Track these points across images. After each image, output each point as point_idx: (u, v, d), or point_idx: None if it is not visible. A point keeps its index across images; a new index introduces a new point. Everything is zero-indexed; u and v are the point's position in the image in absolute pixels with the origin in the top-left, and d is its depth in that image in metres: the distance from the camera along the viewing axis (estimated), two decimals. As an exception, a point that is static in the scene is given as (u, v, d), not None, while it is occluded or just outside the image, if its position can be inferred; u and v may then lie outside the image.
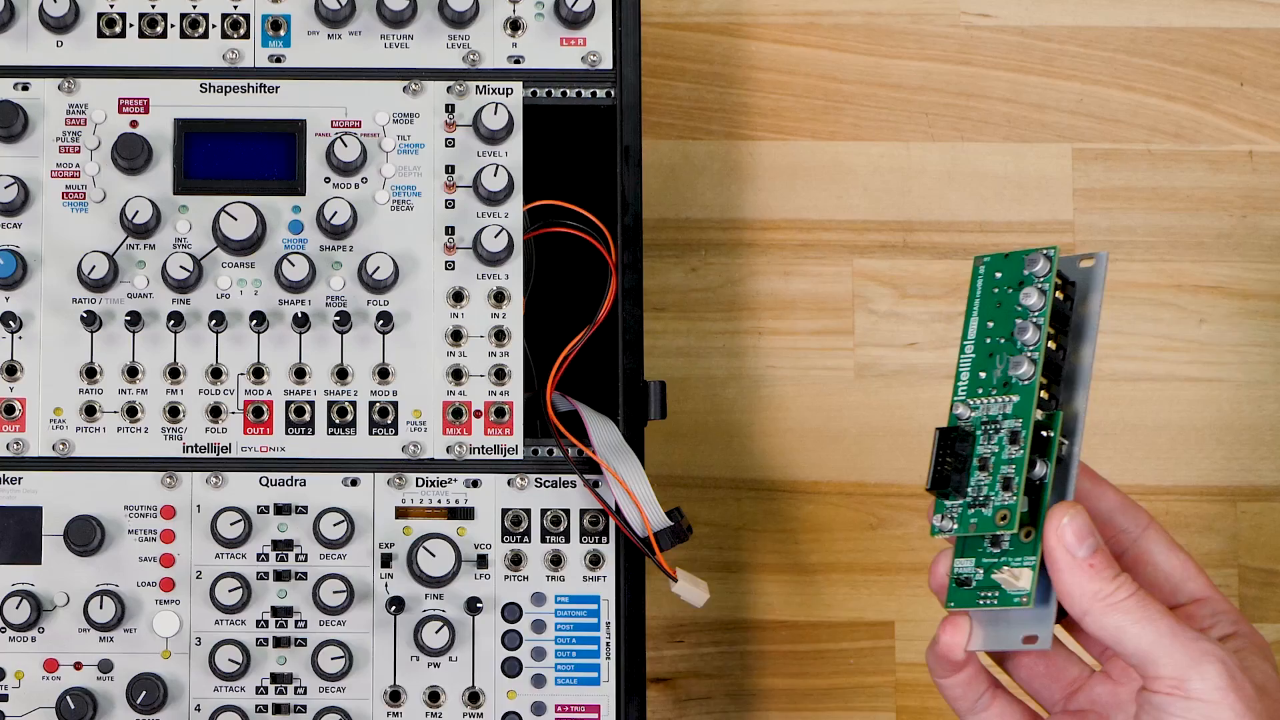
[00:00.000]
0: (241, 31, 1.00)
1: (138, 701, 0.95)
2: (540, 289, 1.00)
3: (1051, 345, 0.86)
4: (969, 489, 0.86)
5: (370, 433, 0.98)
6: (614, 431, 0.97)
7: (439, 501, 0.97)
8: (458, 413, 0.98)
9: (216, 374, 0.98)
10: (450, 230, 0.99)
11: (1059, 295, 0.86)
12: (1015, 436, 0.85)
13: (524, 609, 0.97)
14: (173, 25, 1.00)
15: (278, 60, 1.00)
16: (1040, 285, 0.86)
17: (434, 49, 1.01)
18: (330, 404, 0.98)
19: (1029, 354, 0.85)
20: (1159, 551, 0.86)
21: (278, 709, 0.96)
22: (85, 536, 0.95)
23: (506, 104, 0.99)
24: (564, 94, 1.01)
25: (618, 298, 0.99)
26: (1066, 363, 0.86)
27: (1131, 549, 0.87)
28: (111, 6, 1.00)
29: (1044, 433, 0.85)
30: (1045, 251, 0.86)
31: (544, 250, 1.01)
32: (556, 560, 0.97)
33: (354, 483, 0.97)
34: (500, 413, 0.98)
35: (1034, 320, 0.86)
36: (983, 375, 0.87)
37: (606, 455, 0.96)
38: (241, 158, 0.99)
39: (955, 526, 0.86)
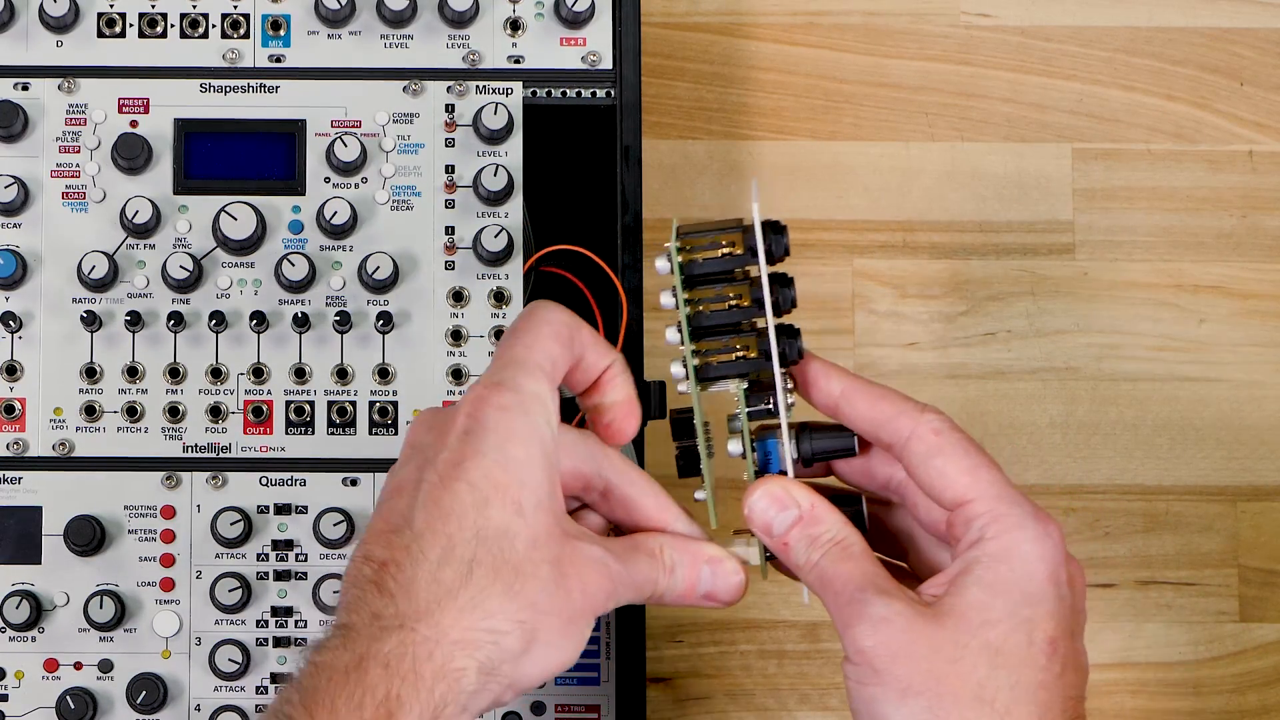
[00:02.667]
0: (241, 31, 1.00)
1: (138, 701, 0.95)
2: (540, 289, 1.00)
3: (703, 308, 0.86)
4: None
5: (370, 433, 0.98)
6: None
7: (439, 501, 0.97)
8: (458, 413, 0.98)
9: (217, 374, 0.98)
10: (450, 230, 0.99)
11: (703, 256, 0.85)
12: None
13: (524, 609, 0.97)
14: (173, 25, 1.00)
15: (278, 60, 1.00)
16: (667, 252, 0.85)
17: (434, 49, 1.01)
18: (330, 404, 0.98)
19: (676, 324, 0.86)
20: (918, 465, 0.85)
21: (278, 709, 0.96)
22: (85, 536, 0.96)
23: (506, 104, 0.99)
24: (564, 94, 1.01)
25: (620, 297, 0.99)
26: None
27: (902, 463, 0.86)
28: (111, 6, 1.00)
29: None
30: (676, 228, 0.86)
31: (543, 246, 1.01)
32: (556, 560, 0.97)
33: (354, 483, 0.97)
34: (500, 413, 0.98)
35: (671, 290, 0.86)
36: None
37: None
38: (241, 158, 0.99)
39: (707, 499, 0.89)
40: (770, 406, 0.86)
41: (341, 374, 0.98)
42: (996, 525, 0.84)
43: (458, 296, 0.99)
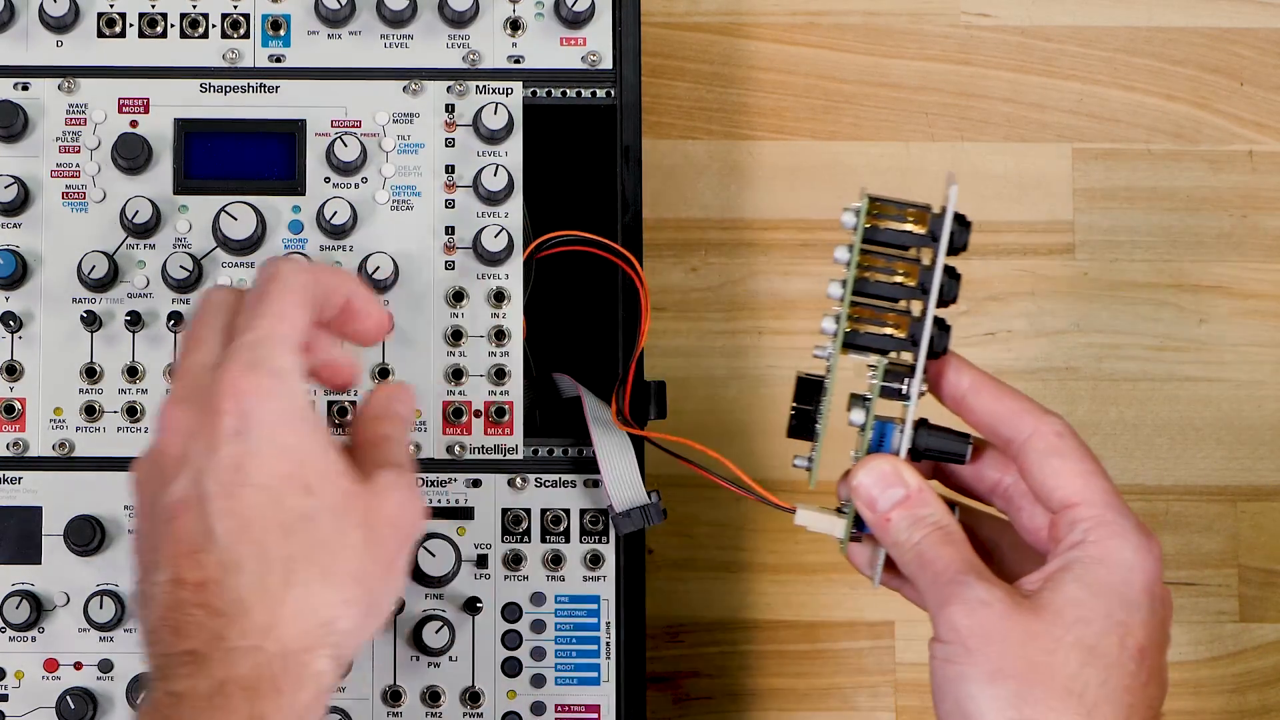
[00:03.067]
0: (241, 31, 1.00)
1: (138, 702, 0.95)
2: (540, 288, 1.00)
3: (878, 277, 0.86)
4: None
5: (370, 433, 0.98)
6: (608, 412, 0.97)
7: (439, 501, 0.97)
8: (458, 413, 0.98)
9: (216, 374, 0.98)
10: (450, 230, 0.99)
11: (888, 225, 0.86)
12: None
13: (524, 609, 0.97)
14: (173, 25, 1.00)
15: (278, 60, 1.00)
16: (856, 209, 0.86)
17: (434, 49, 1.01)
18: (330, 404, 0.98)
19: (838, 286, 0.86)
20: (1034, 463, 0.86)
21: (278, 709, 0.96)
22: (85, 536, 0.96)
23: (506, 104, 0.99)
24: (564, 94, 1.01)
25: (618, 299, 0.99)
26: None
27: (1017, 460, 0.87)
28: (111, 6, 1.00)
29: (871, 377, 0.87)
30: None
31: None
32: (556, 560, 0.97)
33: (354, 483, 0.97)
34: (500, 412, 0.98)
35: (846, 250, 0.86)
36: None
37: (596, 426, 0.96)
38: (241, 158, 0.99)
39: (806, 465, 0.89)
40: (903, 388, 0.86)
41: (341, 374, 0.98)
42: (1100, 530, 0.85)
43: (458, 296, 0.99)
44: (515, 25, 1.01)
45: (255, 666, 0.79)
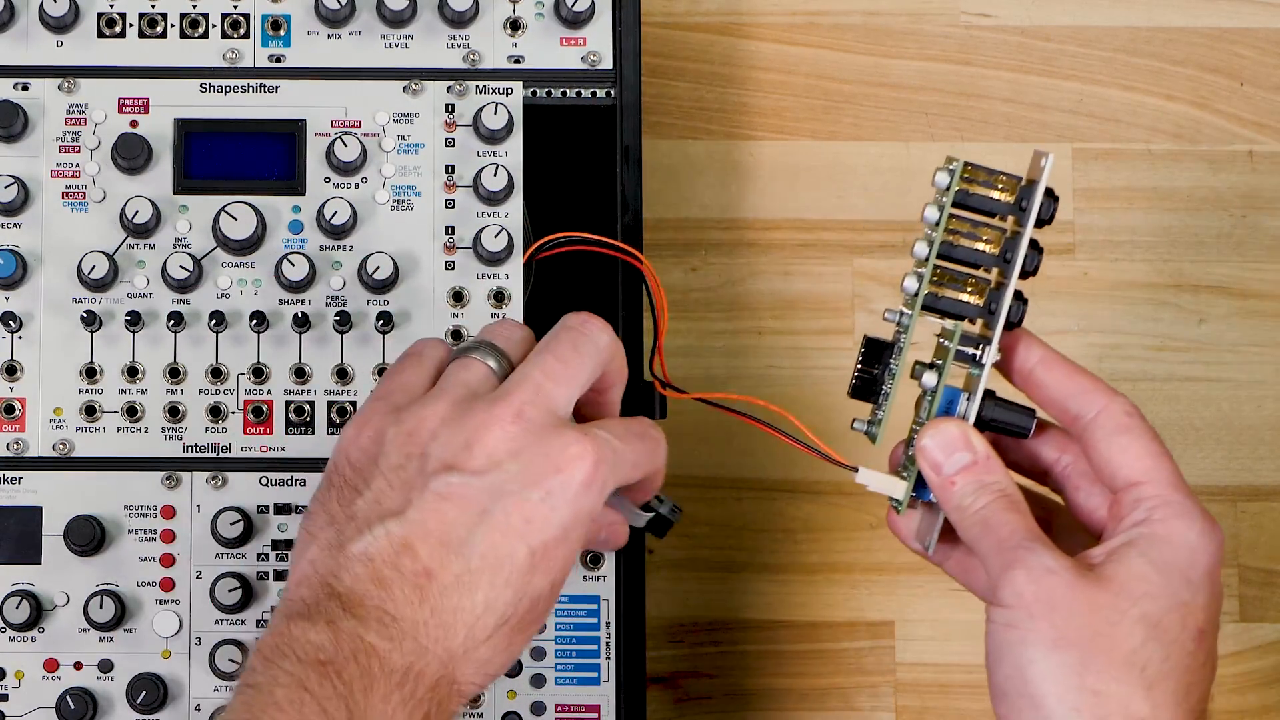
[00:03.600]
0: (241, 31, 1.00)
1: (138, 701, 0.95)
2: (540, 288, 1.00)
3: (965, 243, 0.87)
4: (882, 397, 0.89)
5: (370, 433, 0.98)
6: None
7: (439, 501, 0.97)
8: (458, 413, 0.98)
9: (216, 374, 0.98)
10: (450, 230, 0.99)
11: (981, 191, 0.87)
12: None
13: (524, 609, 0.97)
14: (173, 25, 1.00)
15: (278, 60, 1.00)
16: (951, 169, 0.86)
17: (434, 49, 1.01)
18: (330, 404, 0.98)
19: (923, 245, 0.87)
20: (1101, 439, 0.87)
21: (278, 709, 0.96)
22: (85, 536, 0.95)
23: (506, 104, 0.99)
24: (564, 94, 1.01)
25: (618, 298, 0.99)
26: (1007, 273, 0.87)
27: (1083, 437, 0.88)
28: (111, 6, 1.00)
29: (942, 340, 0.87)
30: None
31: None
32: (556, 560, 0.97)
33: (354, 483, 0.97)
34: (500, 413, 0.98)
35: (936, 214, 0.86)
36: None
37: None
38: (241, 158, 0.99)
39: (865, 429, 0.90)
40: (978, 354, 0.87)
41: (342, 374, 0.98)
42: (1166, 510, 0.85)
43: (458, 296, 0.99)
44: (515, 25, 1.01)
45: (439, 679, 0.82)
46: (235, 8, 1.00)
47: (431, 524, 0.83)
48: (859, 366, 0.89)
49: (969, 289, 0.87)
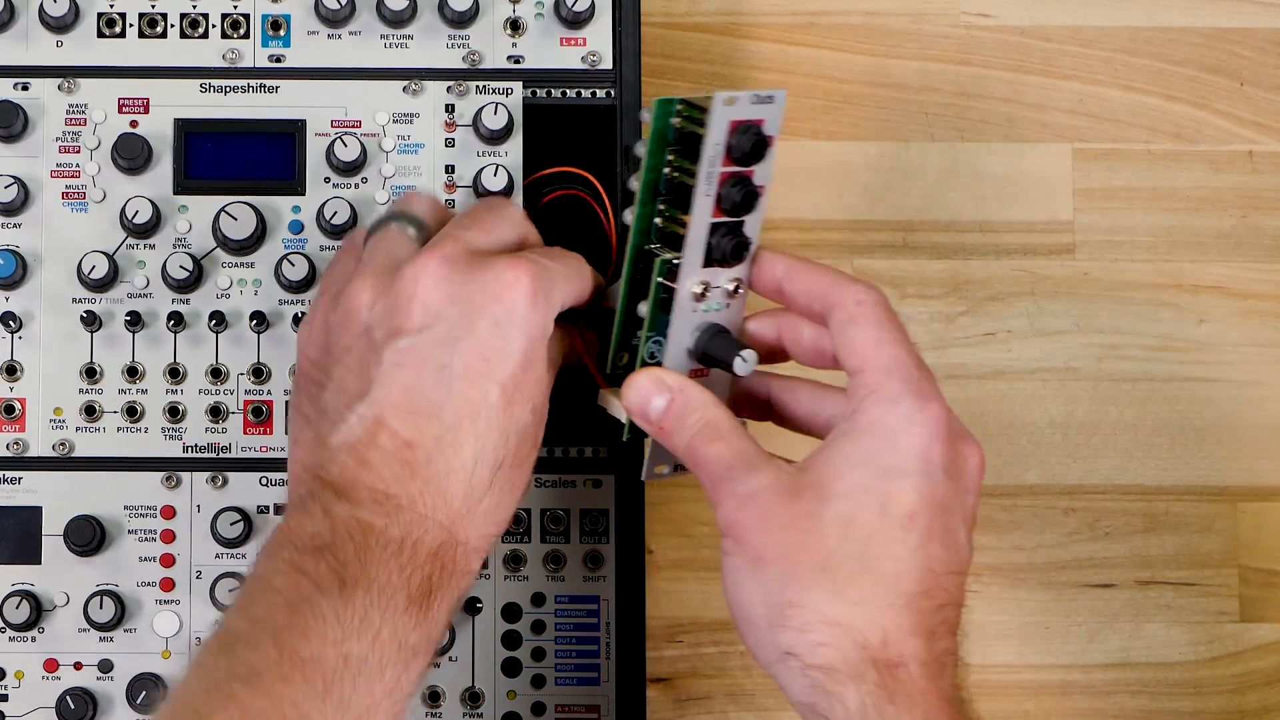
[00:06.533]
0: (241, 31, 1.00)
1: (138, 701, 0.95)
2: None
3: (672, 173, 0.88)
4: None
5: (370, 433, 0.98)
6: None
7: (439, 501, 0.97)
8: (458, 413, 0.98)
9: (216, 374, 0.98)
10: (450, 230, 0.99)
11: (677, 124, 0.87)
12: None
13: (523, 609, 0.97)
14: (173, 25, 1.00)
15: (278, 60, 1.00)
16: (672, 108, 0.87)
17: (434, 49, 1.01)
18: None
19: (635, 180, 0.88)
20: (836, 334, 0.87)
21: (278, 709, 0.96)
22: (85, 536, 0.96)
23: (506, 104, 0.99)
24: (564, 94, 1.01)
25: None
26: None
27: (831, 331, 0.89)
28: (111, 6, 1.00)
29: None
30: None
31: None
32: (556, 560, 0.97)
33: (354, 483, 0.97)
34: (500, 413, 0.98)
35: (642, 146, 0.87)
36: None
37: None
38: (241, 158, 0.99)
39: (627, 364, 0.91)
40: (675, 287, 0.88)
41: (341, 374, 0.98)
42: (873, 398, 0.85)
43: (458, 296, 0.99)
44: (515, 25, 1.01)
45: (441, 544, 0.83)
46: (235, 8, 1.00)
47: (396, 395, 0.83)
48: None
49: (683, 223, 0.87)
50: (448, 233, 0.87)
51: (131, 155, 0.98)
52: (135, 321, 0.98)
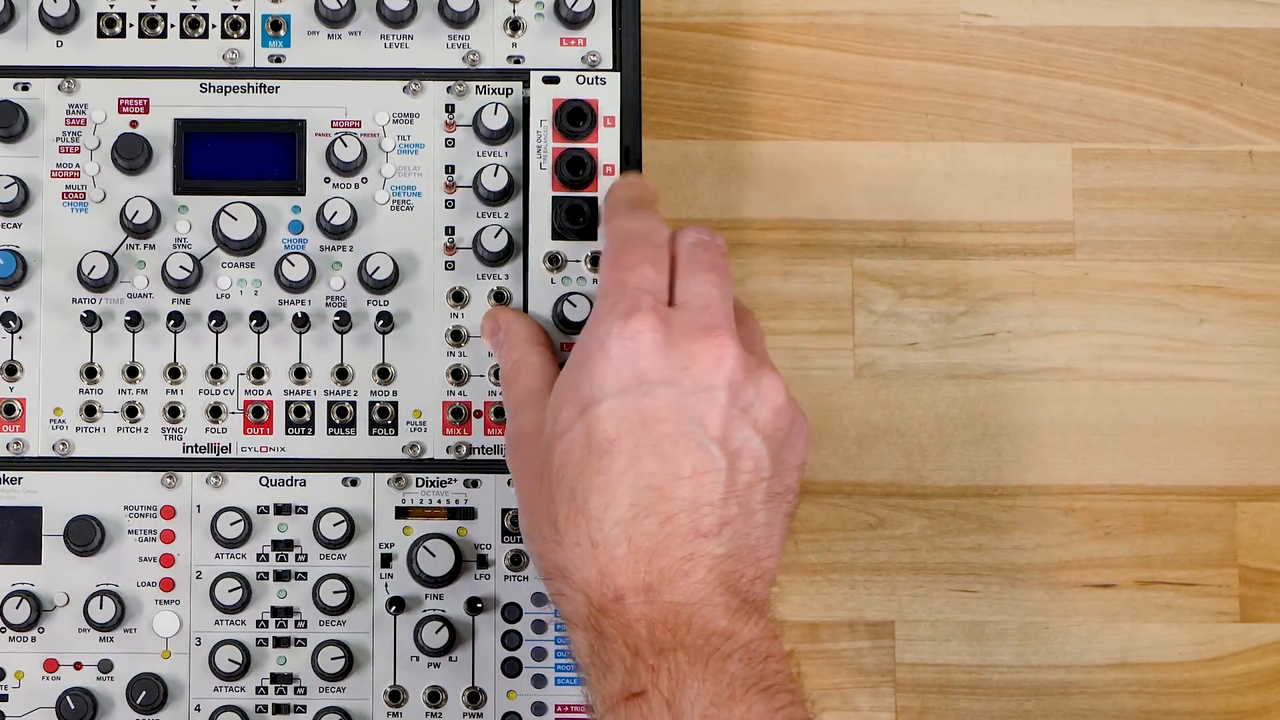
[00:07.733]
0: (241, 31, 1.00)
1: (138, 701, 0.95)
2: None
3: None
4: None
5: (370, 433, 0.98)
6: None
7: (439, 501, 0.97)
8: (458, 413, 0.98)
9: (216, 374, 0.98)
10: (450, 230, 0.99)
11: None
12: None
13: (524, 609, 0.97)
14: (173, 25, 1.00)
15: (278, 60, 1.00)
16: None
17: (434, 49, 1.01)
18: (330, 404, 0.98)
19: None
20: None
21: (278, 709, 0.96)
22: (85, 536, 0.96)
23: (506, 104, 0.99)
24: (564, 94, 1.01)
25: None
26: None
27: None
28: (111, 6, 1.00)
29: None
30: None
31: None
32: (556, 560, 0.97)
33: (354, 483, 0.97)
34: (500, 413, 0.98)
35: None
36: None
37: None
38: (241, 158, 0.99)
39: None
40: None
41: (341, 374, 0.98)
42: (586, 325, 0.88)
43: (458, 297, 0.99)
44: (515, 25, 1.01)
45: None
46: (235, 8, 1.00)
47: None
48: None
49: None
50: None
51: (131, 155, 0.98)
52: (135, 321, 0.98)
